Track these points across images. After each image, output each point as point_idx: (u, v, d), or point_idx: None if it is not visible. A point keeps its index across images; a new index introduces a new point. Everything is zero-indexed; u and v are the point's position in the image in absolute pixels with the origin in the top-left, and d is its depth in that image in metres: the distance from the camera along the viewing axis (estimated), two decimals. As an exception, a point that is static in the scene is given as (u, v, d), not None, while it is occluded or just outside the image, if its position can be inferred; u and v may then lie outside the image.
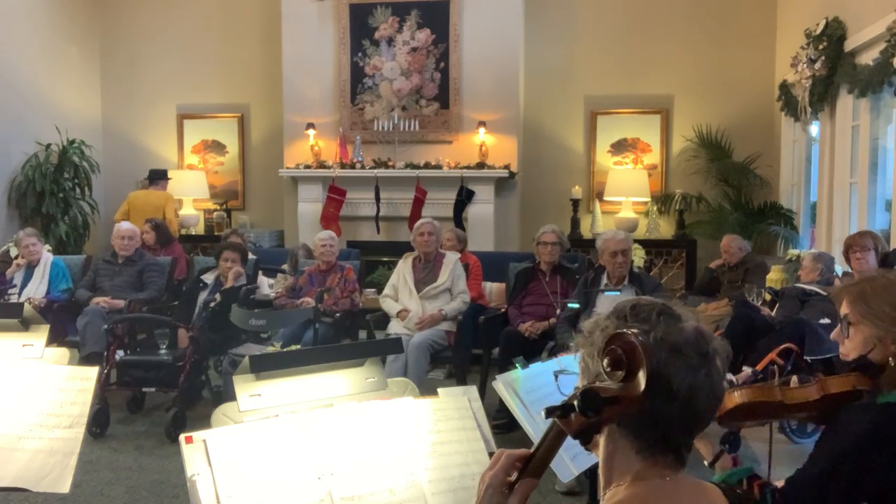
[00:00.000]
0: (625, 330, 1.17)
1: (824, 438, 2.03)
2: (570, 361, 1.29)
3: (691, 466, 1.26)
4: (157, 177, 8.56)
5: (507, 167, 8.14)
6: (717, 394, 1.21)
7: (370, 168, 8.25)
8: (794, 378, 2.19)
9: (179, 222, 8.71)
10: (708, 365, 1.19)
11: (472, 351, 5.91)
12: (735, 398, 2.12)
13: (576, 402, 1.15)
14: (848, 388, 2.01)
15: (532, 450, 1.24)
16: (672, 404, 1.16)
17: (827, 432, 2.04)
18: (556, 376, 1.35)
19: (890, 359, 1.99)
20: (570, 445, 1.25)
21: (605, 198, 8.66)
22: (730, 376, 4.42)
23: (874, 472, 1.85)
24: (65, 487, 2.21)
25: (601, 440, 1.23)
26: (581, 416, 1.15)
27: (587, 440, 1.22)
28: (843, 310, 2.09)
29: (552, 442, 1.22)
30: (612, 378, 1.16)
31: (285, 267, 6.93)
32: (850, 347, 2.08)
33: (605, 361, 1.17)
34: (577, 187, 8.63)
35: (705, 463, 2.10)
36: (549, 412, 1.20)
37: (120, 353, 5.25)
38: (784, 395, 2.10)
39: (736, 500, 1.94)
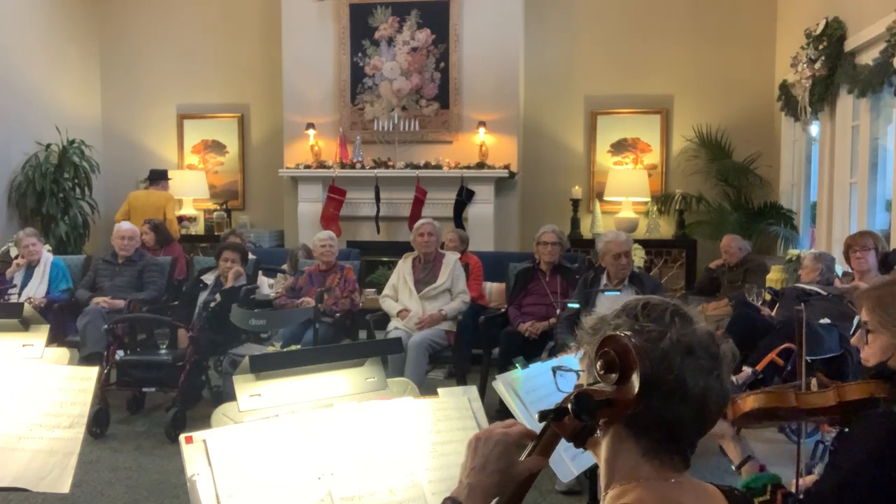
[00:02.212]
0: (618, 332, 1.16)
1: (841, 448, 2.01)
2: (570, 361, 1.28)
3: (712, 470, 1.25)
4: (158, 177, 8.56)
5: (507, 167, 8.14)
6: (725, 395, 1.22)
7: (370, 168, 8.25)
8: (814, 381, 2.18)
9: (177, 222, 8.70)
10: (718, 367, 1.20)
11: (472, 351, 5.91)
12: (750, 402, 2.11)
13: (569, 406, 1.14)
14: (865, 395, 2.00)
15: (532, 443, 1.24)
16: (686, 406, 1.16)
17: (843, 442, 2.03)
18: (555, 372, 1.34)
19: None
20: (570, 445, 1.24)
21: (605, 198, 8.67)
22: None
23: (892, 481, 1.84)
24: (65, 487, 2.21)
25: (604, 440, 1.22)
26: (575, 419, 1.14)
27: (581, 443, 1.21)
28: (863, 316, 2.07)
29: (548, 441, 1.22)
30: (606, 381, 1.15)
31: (285, 267, 6.93)
32: (869, 354, 2.07)
33: (599, 364, 1.16)
34: (577, 187, 8.64)
35: (733, 467, 2.10)
36: (543, 416, 1.19)
37: (120, 353, 5.25)
38: (799, 400, 2.09)
39: None
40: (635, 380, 1.13)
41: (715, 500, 1.25)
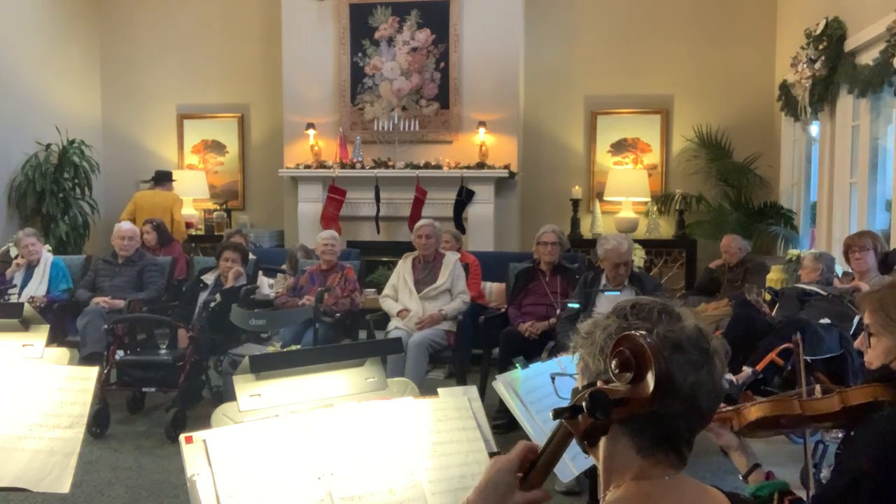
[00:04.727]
0: (633, 332, 1.16)
1: (847, 452, 2.01)
2: (570, 362, 1.29)
3: (713, 471, 1.25)
4: (163, 178, 8.56)
5: (507, 167, 8.14)
6: (718, 390, 1.22)
7: (370, 168, 8.25)
8: (818, 387, 2.17)
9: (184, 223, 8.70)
10: (709, 362, 1.20)
11: (472, 351, 5.91)
12: (754, 411, 2.11)
13: (584, 404, 1.14)
14: (869, 399, 1.99)
15: (540, 449, 1.24)
16: (675, 402, 1.16)
17: (849, 445, 2.03)
18: (553, 378, 1.35)
19: None
20: (571, 445, 1.25)
21: (605, 198, 8.67)
22: (729, 376, 4.44)
23: None
24: (65, 487, 2.21)
25: (601, 442, 1.23)
26: (589, 417, 1.15)
27: (594, 442, 1.21)
28: (865, 319, 2.07)
29: (558, 443, 1.22)
30: (621, 380, 1.16)
31: (285, 267, 6.93)
32: (872, 357, 2.07)
33: (614, 363, 1.16)
34: (577, 187, 8.64)
35: (739, 476, 2.10)
36: (558, 413, 1.19)
37: (120, 353, 5.25)
38: (803, 407, 2.08)
39: None
40: (650, 379, 1.13)
41: (716, 500, 1.25)
